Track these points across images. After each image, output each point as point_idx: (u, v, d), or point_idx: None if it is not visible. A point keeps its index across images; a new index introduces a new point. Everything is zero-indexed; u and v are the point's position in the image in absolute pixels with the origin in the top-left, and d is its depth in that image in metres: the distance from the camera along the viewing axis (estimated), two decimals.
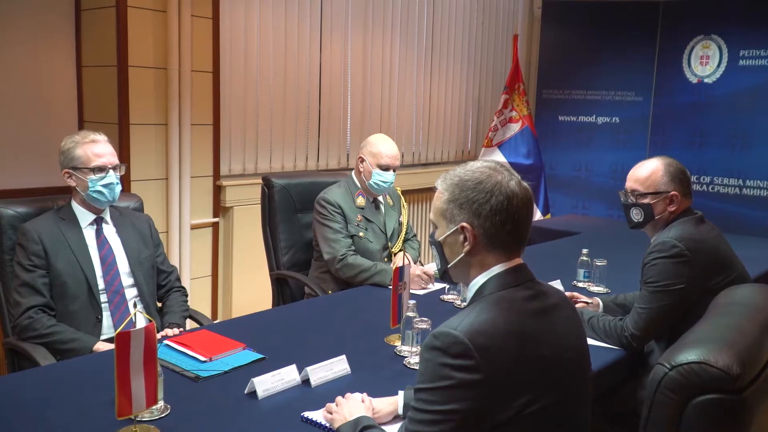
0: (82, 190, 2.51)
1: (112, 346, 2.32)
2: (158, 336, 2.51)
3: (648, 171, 2.53)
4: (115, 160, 2.54)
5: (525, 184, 1.56)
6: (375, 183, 3.26)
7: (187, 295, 2.81)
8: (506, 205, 1.50)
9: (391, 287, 2.96)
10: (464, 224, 1.53)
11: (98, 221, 2.58)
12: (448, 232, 1.57)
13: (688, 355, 1.35)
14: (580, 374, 1.55)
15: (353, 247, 3.20)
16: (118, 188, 2.54)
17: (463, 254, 1.55)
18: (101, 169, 2.48)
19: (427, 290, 3.00)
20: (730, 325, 1.55)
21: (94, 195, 2.50)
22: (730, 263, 2.44)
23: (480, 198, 1.51)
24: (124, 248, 2.61)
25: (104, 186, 2.49)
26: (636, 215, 2.54)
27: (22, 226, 2.48)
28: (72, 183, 2.52)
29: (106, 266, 2.53)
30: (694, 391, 1.33)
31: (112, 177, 2.50)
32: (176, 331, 2.51)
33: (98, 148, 2.50)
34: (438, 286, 3.03)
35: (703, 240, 2.40)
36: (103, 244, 2.56)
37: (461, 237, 1.54)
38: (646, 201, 2.50)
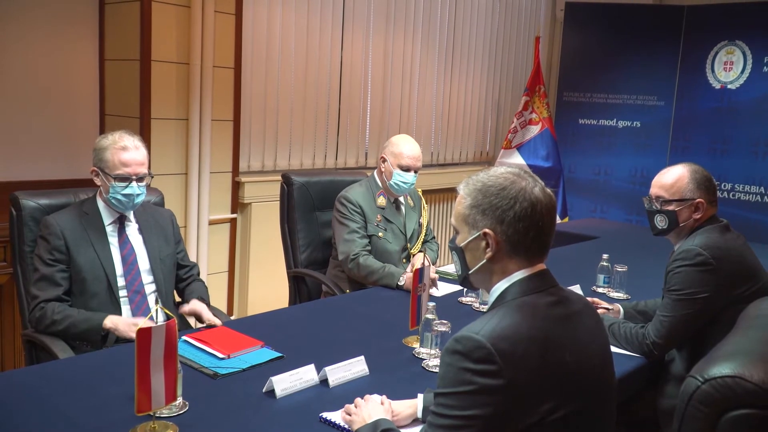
0: (105, 192, 2.50)
1: (121, 319, 2.35)
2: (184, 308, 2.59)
3: (673, 177, 2.49)
4: (142, 170, 2.49)
5: (549, 190, 1.54)
6: (395, 183, 3.25)
7: (207, 288, 2.81)
8: (530, 212, 1.48)
9: (398, 288, 2.98)
10: (487, 230, 1.51)
11: (121, 219, 2.57)
12: (470, 238, 1.55)
13: (722, 368, 1.32)
14: (605, 382, 1.53)
15: (368, 248, 3.19)
16: (140, 198, 2.52)
17: (484, 260, 1.53)
18: (125, 178, 2.46)
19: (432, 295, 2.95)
20: (764, 338, 1.51)
21: (113, 201, 2.49)
22: (755, 272, 2.39)
23: (504, 204, 1.49)
24: (146, 247, 2.60)
25: (124, 195, 2.47)
26: (660, 222, 2.51)
27: (45, 218, 2.48)
28: (97, 182, 2.52)
29: (127, 265, 2.53)
30: (728, 405, 1.31)
31: (134, 188, 2.47)
32: (210, 316, 2.54)
33: (127, 156, 2.46)
34: (443, 292, 3.00)
35: (729, 248, 2.36)
36: (125, 243, 2.55)
37: (483, 243, 1.52)
38: (671, 208, 2.47)
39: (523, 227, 1.48)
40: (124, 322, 2.34)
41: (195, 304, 2.57)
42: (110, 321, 2.35)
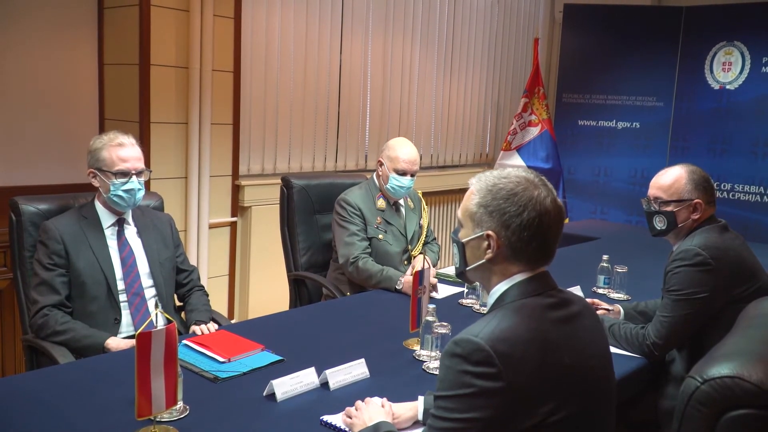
0: (104, 192, 2.51)
1: (123, 341, 2.33)
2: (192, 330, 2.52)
3: (671, 178, 2.50)
4: (140, 165, 2.52)
5: (560, 201, 1.53)
6: (391, 187, 3.25)
7: (208, 295, 2.80)
8: (537, 222, 1.47)
9: (397, 291, 2.98)
10: (490, 232, 1.50)
11: (120, 222, 2.58)
12: (473, 236, 1.54)
13: (721, 368, 1.32)
14: (605, 383, 1.53)
15: (368, 250, 3.19)
16: (140, 194, 2.53)
17: (484, 260, 1.53)
18: (124, 174, 2.47)
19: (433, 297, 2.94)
20: (764, 338, 1.51)
21: (115, 198, 2.49)
22: (754, 272, 2.40)
23: (512, 210, 1.48)
24: (145, 250, 2.61)
25: (125, 191, 2.48)
26: (659, 223, 2.51)
27: (44, 223, 2.48)
28: (96, 183, 2.53)
29: (126, 268, 2.53)
30: (727, 405, 1.30)
31: (135, 183, 2.49)
32: (212, 327, 2.50)
33: (124, 152, 2.48)
34: (443, 294, 3.00)
35: (727, 248, 2.36)
36: (124, 246, 2.56)
37: (485, 244, 1.52)
38: (669, 209, 2.47)
39: (528, 236, 1.48)
40: (126, 344, 2.34)
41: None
42: (113, 342, 2.34)
